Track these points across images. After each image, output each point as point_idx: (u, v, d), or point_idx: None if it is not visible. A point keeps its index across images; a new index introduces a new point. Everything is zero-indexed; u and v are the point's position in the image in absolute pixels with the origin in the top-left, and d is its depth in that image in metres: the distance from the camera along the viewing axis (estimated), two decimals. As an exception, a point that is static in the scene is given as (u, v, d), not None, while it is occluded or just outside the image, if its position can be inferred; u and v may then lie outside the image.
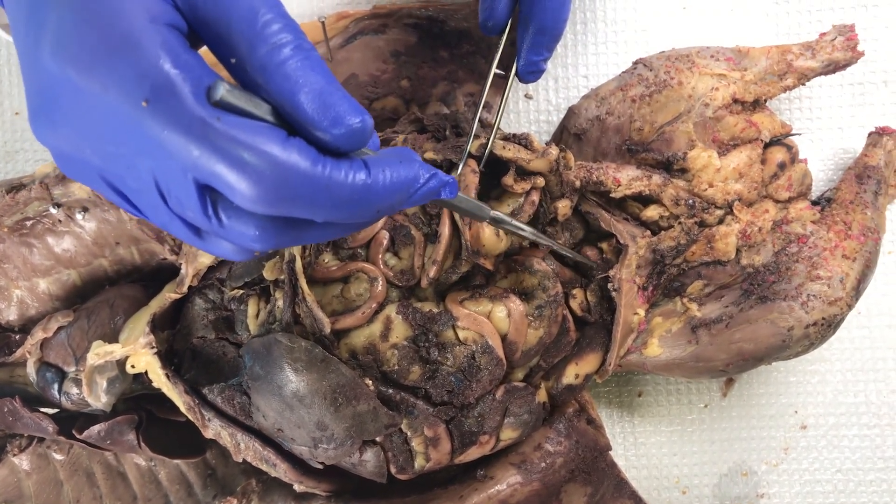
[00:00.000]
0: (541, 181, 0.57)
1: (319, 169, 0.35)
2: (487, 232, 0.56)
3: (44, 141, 0.37)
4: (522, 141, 0.57)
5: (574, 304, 0.60)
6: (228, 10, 0.36)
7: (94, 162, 0.37)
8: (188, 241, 0.39)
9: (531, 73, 0.58)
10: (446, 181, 0.40)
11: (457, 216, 0.56)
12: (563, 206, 0.59)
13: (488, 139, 0.57)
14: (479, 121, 0.57)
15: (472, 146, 0.57)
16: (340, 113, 0.35)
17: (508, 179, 0.57)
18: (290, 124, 0.36)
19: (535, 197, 0.57)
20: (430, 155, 0.58)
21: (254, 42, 0.35)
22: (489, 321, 0.56)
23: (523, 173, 0.57)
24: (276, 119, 0.35)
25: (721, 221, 0.60)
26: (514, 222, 0.53)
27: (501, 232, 0.57)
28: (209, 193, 0.35)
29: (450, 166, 0.58)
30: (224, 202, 0.36)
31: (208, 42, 0.37)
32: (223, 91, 0.34)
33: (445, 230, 0.56)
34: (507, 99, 0.58)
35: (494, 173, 0.58)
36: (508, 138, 0.57)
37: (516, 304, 0.56)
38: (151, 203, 0.37)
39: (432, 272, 0.56)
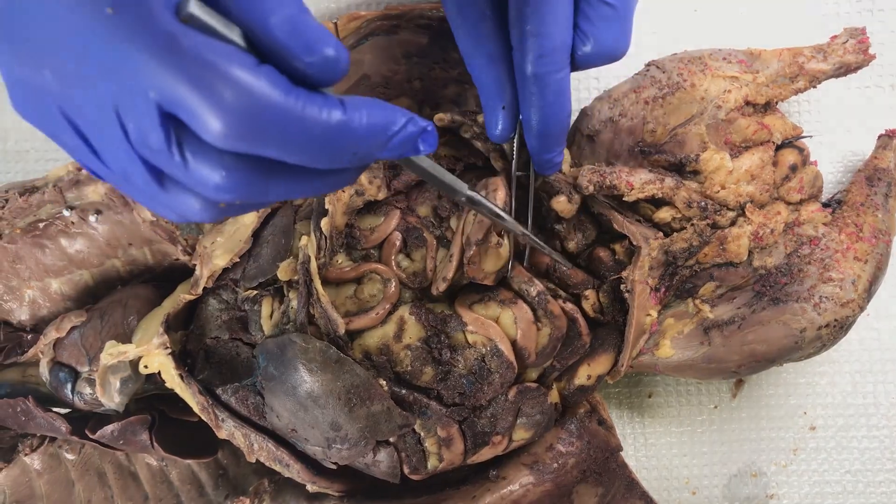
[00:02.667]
0: None
1: (292, 100, 0.32)
2: (491, 256, 0.56)
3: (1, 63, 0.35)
4: None
5: (587, 306, 0.60)
6: None
7: (53, 88, 0.34)
8: (148, 193, 0.35)
9: (550, 168, 0.55)
10: (424, 126, 0.37)
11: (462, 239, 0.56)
12: (560, 204, 0.58)
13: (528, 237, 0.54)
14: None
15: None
16: (313, 40, 0.33)
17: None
18: (260, 52, 0.33)
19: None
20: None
21: None
22: (497, 325, 0.56)
23: None
24: (247, 45, 0.33)
25: (733, 223, 0.60)
26: (494, 208, 0.49)
27: (502, 250, 0.56)
28: (174, 127, 0.33)
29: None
30: (189, 139, 0.33)
31: None
32: (193, 6, 0.31)
33: (456, 251, 0.56)
34: (532, 196, 0.58)
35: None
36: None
37: (524, 310, 0.56)
38: (111, 139, 0.34)
39: (442, 287, 0.57)
